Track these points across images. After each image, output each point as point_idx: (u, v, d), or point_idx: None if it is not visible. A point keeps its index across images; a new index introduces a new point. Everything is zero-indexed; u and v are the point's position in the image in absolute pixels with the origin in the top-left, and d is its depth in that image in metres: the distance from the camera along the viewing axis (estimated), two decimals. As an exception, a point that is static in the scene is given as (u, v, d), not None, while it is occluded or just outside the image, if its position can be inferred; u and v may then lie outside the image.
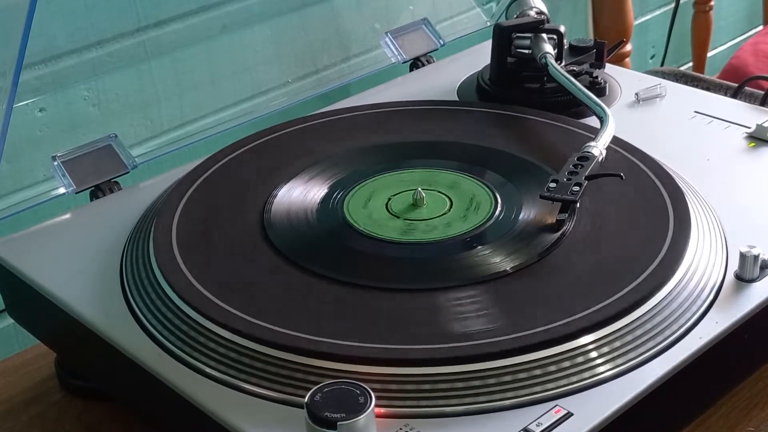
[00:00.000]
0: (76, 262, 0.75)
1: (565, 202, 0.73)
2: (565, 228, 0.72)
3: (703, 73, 1.81)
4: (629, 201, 0.75)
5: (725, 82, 1.24)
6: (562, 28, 0.94)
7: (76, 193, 0.85)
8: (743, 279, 0.68)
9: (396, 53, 1.08)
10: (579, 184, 0.74)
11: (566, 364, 0.61)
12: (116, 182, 0.86)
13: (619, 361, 0.61)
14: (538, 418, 0.58)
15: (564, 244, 0.71)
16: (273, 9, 1.08)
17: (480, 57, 1.01)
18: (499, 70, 0.96)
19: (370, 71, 1.09)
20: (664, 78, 1.00)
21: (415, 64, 1.08)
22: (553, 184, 0.74)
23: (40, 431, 0.75)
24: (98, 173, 0.86)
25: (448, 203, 0.77)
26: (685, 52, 1.90)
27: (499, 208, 0.75)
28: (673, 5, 1.80)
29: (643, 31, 1.81)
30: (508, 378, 0.60)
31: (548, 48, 0.93)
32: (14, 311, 0.81)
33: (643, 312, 0.64)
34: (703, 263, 0.69)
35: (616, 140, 0.82)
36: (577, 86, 0.88)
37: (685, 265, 0.68)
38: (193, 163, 0.85)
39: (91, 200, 0.85)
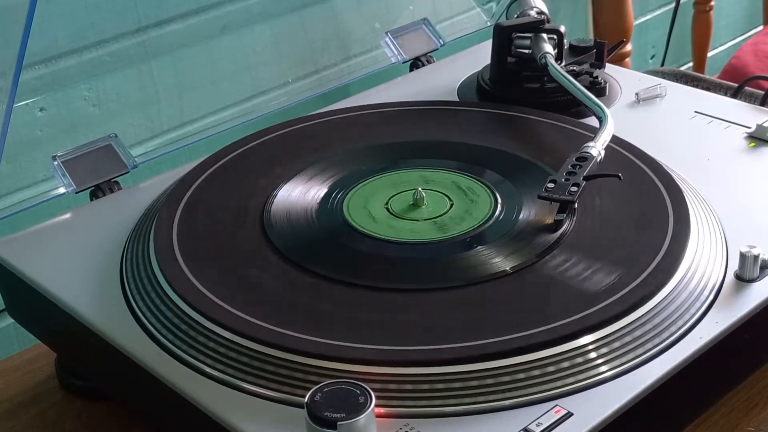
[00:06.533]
0: (76, 262, 0.75)
1: (563, 203, 0.73)
2: (564, 228, 0.72)
3: (703, 73, 1.81)
4: (629, 201, 0.75)
5: (725, 82, 1.24)
6: (562, 28, 0.94)
7: (76, 193, 0.85)
8: (743, 279, 0.68)
9: (396, 53, 1.08)
10: (577, 185, 0.74)
11: (566, 364, 0.61)
12: (116, 182, 0.86)
13: (619, 361, 0.61)
14: (538, 418, 0.58)
15: (563, 244, 0.71)
16: (273, 9, 1.08)
17: (480, 57, 1.01)
18: (499, 70, 0.96)
19: (370, 71, 1.09)
20: (664, 78, 1.00)
21: (415, 64, 1.08)
22: (551, 185, 0.74)
23: (40, 431, 0.75)
24: (98, 173, 0.86)
25: (448, 203, 0.77)
26: (685, 52, 1.90)
27: (498, 208, 0.75)
28: (673, 5, 1.80)
29: (643, 31, 1.81)
30: (508, 378, 0.60)
31: (548, 48, 0.93)
32: (14, 311, 0.81)
33: (643, 312, 0.64)
34: (703, 263, 0.69)
35: (615, 140, 0.82)
36: (577, 86, 0.88)
37: (685, 265, 0.68)
38: (193, 163, 0.85)
39: (91, 200, 0.85)
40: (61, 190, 0.85)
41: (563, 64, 0.93)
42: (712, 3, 1.81)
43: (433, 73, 1.05)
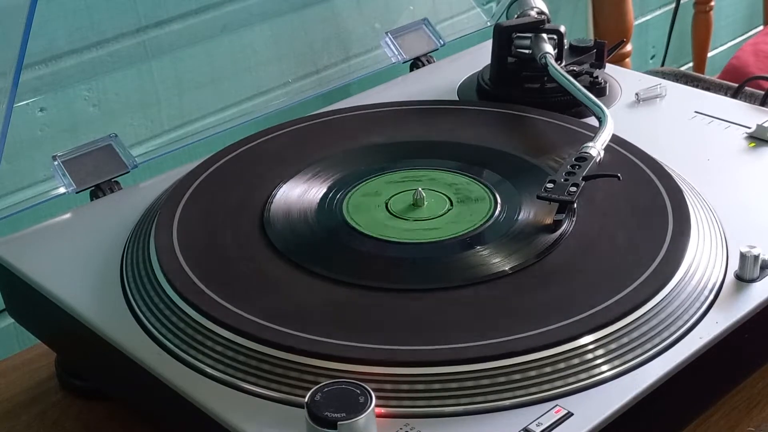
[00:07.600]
0: (76, 262, 0.75)
1: (562, 203, 0.73)
2: (564, 228, 0.72)
3: (703, 73, 1.81)
4: (629, 201, 0.75)
5: (725, 82, 1.24)
6: (562, 28, 0.94)
7: (76, 192, 0.85)
8: (743, 279, 0.68)
9: (396, 53, 1.08)
10: (576, 185, 0.74)
11: (566, 364, 0.61)
12: (116, 182, 0.86)
13: (619, 361, 0.61)
14: (538, 418, 0.58)
15: (564, 245, 0.71)
16: (273, 9, 1.08)
17: (480, 57, 1.01)
18: (499, 70, 0.96)
19: (370, 71, 1.09)
20: (664, 78, 1.00)
21: (415, 64, 1.08)
22: (550, 185, 0.74)
23: (40, 431, 0.75)
24: (98, 173, 0.86)
25: (448, 203, 0.77)
26: (685, 52, 1.90)
27: (498, 209, 0.75)
28: (673, 5, 1.80)
29: (643, 31, 1.81)
30: (508, 378, 0.60)
31: (548, 48, 0.93)
32: (14, 311, 0.81)
33: (644, 312, 0.64)
34: (703, 263, 0.69)
35: (616, 140, 0.82)
36: (577, 86, 0.88)
37: (685, 265, 0.68)
38: (194, 163, 0.85)
39: (91, 200, 0.85)
40: (61, 190, 0.85)
41: (563, 64, 0.93)
42: (712, 3, 1.81)
43: (433, 73, 1.05)
